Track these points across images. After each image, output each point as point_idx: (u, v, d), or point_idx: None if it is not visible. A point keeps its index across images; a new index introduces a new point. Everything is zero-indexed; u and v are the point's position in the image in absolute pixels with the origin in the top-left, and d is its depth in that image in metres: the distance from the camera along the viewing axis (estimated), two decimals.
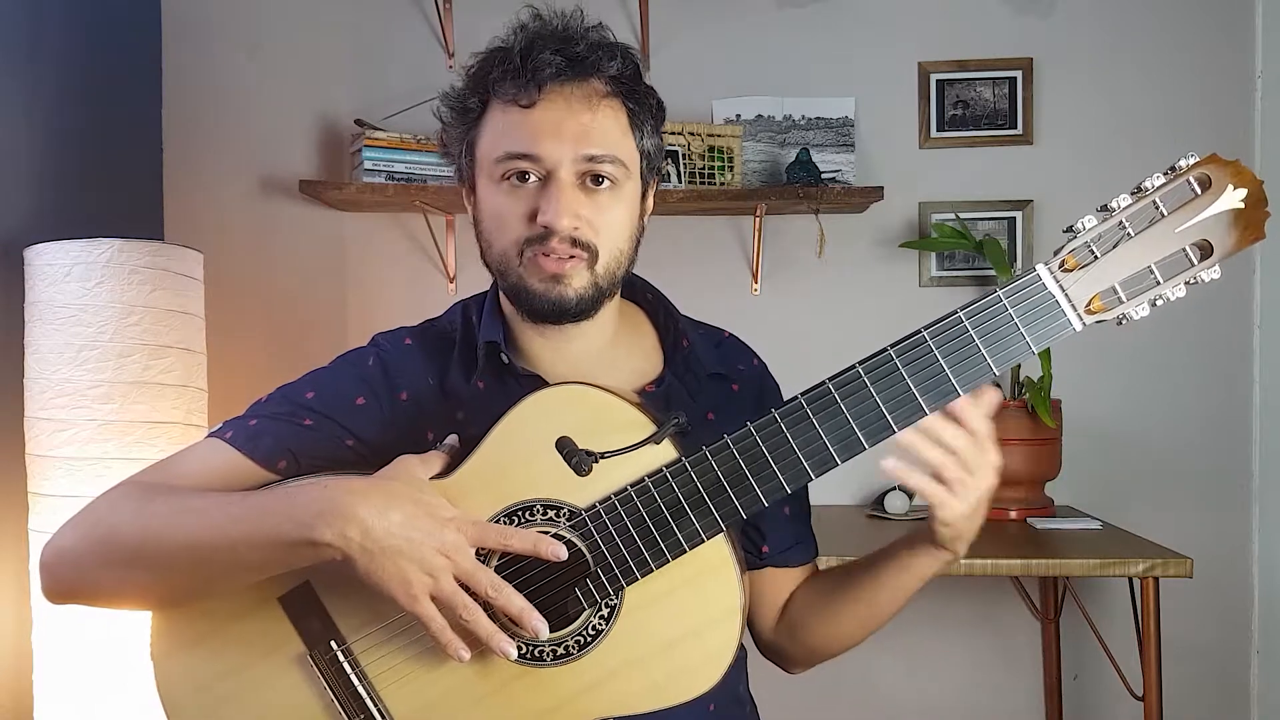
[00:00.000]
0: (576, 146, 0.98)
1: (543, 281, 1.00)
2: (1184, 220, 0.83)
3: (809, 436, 0.88)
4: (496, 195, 1.01)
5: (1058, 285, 0.85)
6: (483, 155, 1.03)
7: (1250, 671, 2.53)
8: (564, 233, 0.97)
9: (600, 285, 1.01)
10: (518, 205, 1.00)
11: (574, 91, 0.99)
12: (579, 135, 0.98)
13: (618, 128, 1.01)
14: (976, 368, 0.87)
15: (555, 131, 0.98)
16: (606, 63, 1.00)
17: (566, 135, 0.98)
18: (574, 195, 0.98)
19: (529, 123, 0.98)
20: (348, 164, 2.56)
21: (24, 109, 2.03)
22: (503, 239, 1.01)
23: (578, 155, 0.98)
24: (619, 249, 1.02)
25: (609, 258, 1.01)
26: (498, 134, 1.01)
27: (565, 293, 1.00)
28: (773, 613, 1.16)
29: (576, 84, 0.99)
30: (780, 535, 1.13)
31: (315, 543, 0.85)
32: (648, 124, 1.04)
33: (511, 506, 0.92)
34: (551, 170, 0.98)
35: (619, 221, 1.02)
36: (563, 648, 0.92)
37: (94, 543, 0.95)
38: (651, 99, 1.05)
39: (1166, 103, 2.51)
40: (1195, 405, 2.52)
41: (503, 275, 1.03)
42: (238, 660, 0.97)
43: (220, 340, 2.12)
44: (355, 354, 1.10)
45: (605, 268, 1.01)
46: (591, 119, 0.99)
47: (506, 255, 1.01)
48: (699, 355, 1.10)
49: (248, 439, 1.01)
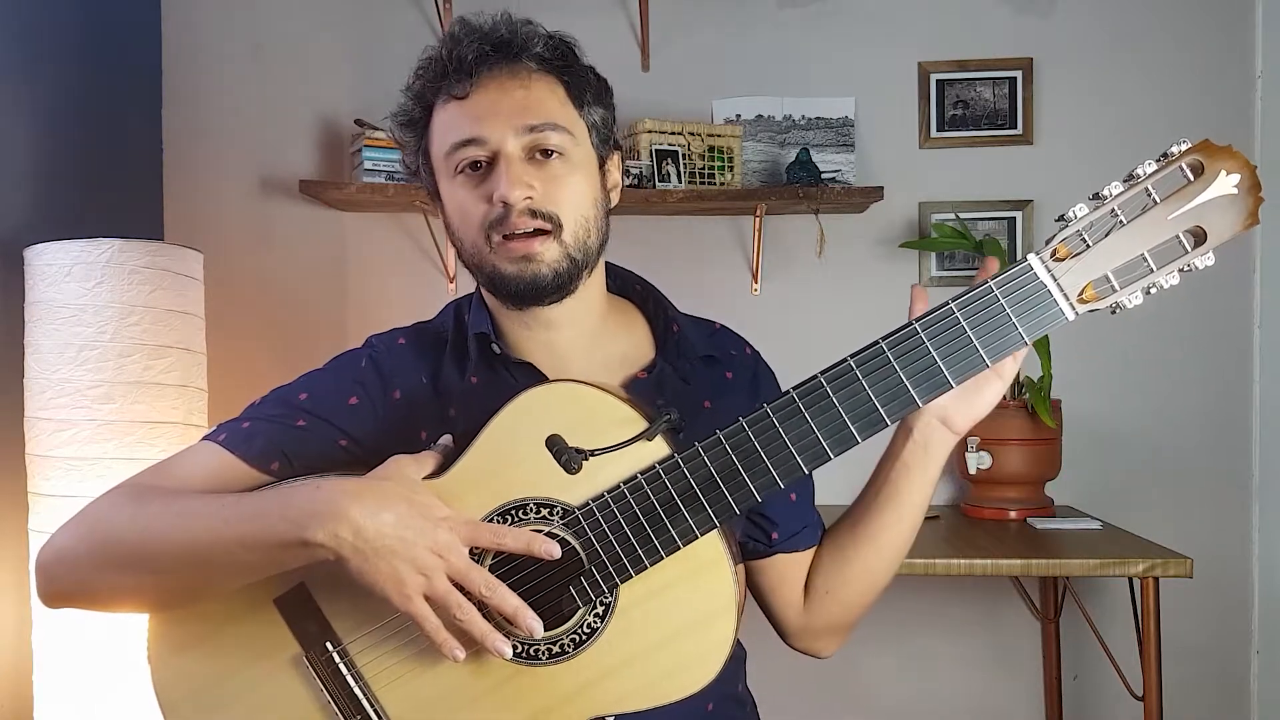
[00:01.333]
0: (515, 119, 1.00)
1: (514, 263, 1.01)
2: (1177, 207, 0.82)
3: (801, 431, 0.88)
4: (455, 189, 1.03)
5: (1049, 274, 0.85)
6: (435, 156, 1.05)
7: (1250, 671, 2.52)
8: (518, 204, 0.99)
9: (573, 256, 1.02)
10: (474, 192, 1.02)
11: (505, 75, 1.02)
12: (515, 109, 1.00)
13: (554, 98, 1.03)
14: (969, 359, 0.86)
15: (493, 111, 1.00)
16: (532, 43, 1.03)
17: (503, 111, 1.00)
18: (523, 168, 1.00)
19: (467, 110, 1.01)
20: (348, 164, 2.56)
21: (24, 109, 2.03)
22: (469, 229, 1.03)
23: (518, 127, 1.00)
24: (583, 216, 1.03)
25: (574, 225, 1.02)
26: (443, 130, 1.03)
27: (539, 269, 1.01)
28: (795, 596, 1.15)
29: (506, 65, 1.02)
30: (788, 521, 1.13)
31: (308, 543, 0.85)
32: (587, 94, 1.06)
33: (505, 505, 0.92)
34: (498, 149, 1.00)
35: (577, 189, 1.03)
36: (558, 646, 0.92)
37: (90, 545, 0.96)
38: (589, 73, 1.07)
39: (1166, 103, 2.50)
40: (1195, 405, 2.51)
41: (479, 268, 1.04)
42: (234, 662, 0.97)
43: (220, 340, 2.13)
44: (349, 355, 1.11)
45: (573, 236, 1.02)
46: (526, 94, 1.01)
47: (477, 245, 1.03)
48: (690, 339, 1.11)
49: (241, 441, 1.02)
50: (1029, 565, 1.91)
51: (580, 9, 2.51)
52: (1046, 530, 2.17)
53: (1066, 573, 2.10)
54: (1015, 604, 2.54)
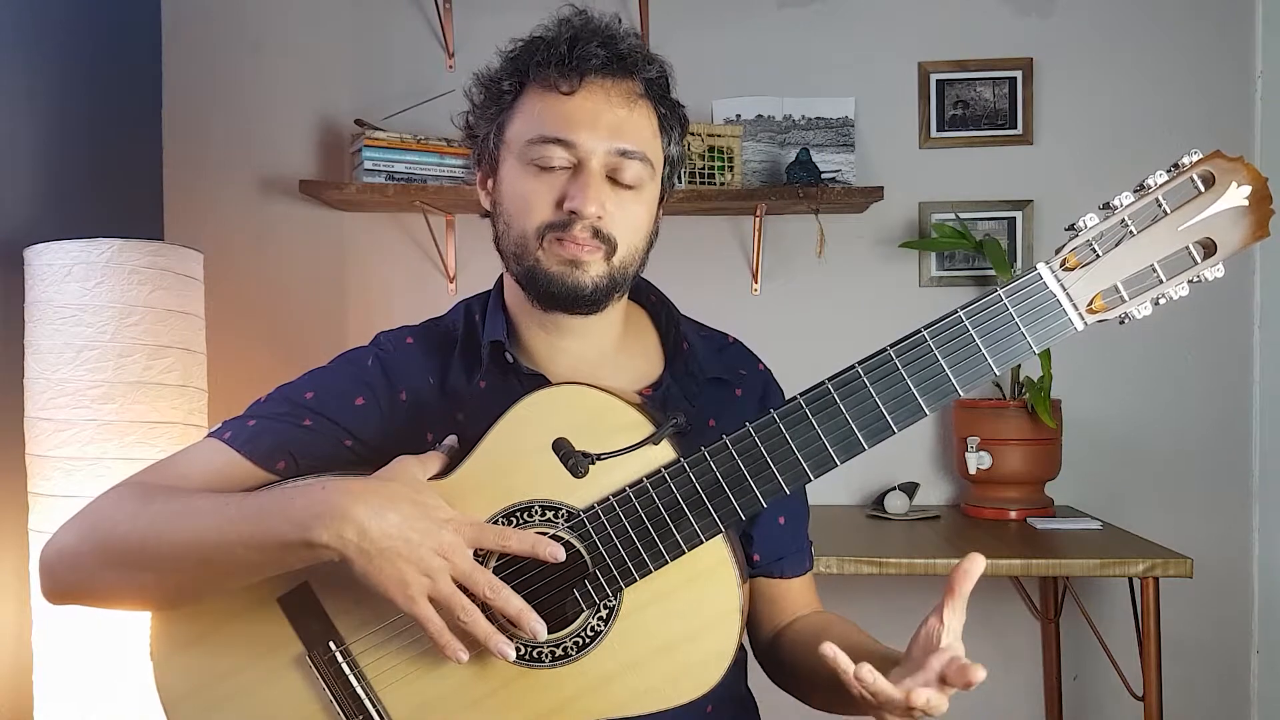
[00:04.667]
0: (611, 139, 0.99)
1: (561, 265, 1.01)
2: (1187, 218, 0.83)
3: (808, 437, 0.88)
4: (523, 178, 1.02)
5: (1059, 284, 0.85)
6: (513, 137, 1.03)
7: (1250, 671, 2.53)
8: (589, 220, 0.99)
9: (615, 278, 1.02)
10: (544, 189, 1.00)
11: (613, 87, 1.01)
12: (614, 128, 1.00)
13: (649, 128, 1.03)
14: (977, 367, 0.86)
15: (592, 121, 0.99)
16: (645, 65, 1.02)
17: (602, 126, 0.99)
18: (602, 186, 1.00)
19: (567, 109, 1.00)
20: (348, 164, 2.56)
21: (25, 109, 2.03)
22: (525, 222, 1.02)
23: (611, 148, 1.00)
24: (635, 247, 1.04)
25: (626, 253, 1.02)
26: (533, 117, 1.02)
27: (582, 279, 1.00)
28: (767, 623, 1.15)
29: (616, 80, 1.01)
30: (771, 545, 1.12)
31: (312, 544, 0.85)
32: (674, 131, 1.07)
33: (510, 507, 0.92)
34: (583, 159, 0.99)
35: (638, 220, 1.03)
36: (561, 649, 0.92)
37: (93, 543, 0.95)
38: (680, 110, 1.08)
39: (1166, 103, 2.50)
40: (1195, 405, 2.51)
41: (519, 259, 1.03)
42: (237, 661, 0.97)
43: (220, 340, 2.13)
44: (355, 353, 1.10)
45: (621, 262, 1.02)
46: (627, 115, 1.01)
47: (525, 238, 1.02)
48: (699, 359, 1.10)
49: (247, 440, 1.01)
50: (1029, 565, 1.91)
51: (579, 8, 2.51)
52: (1046, 530, 2.17)
53: (1066, 573, 2.10)
54: (1015, 604, 2.54)
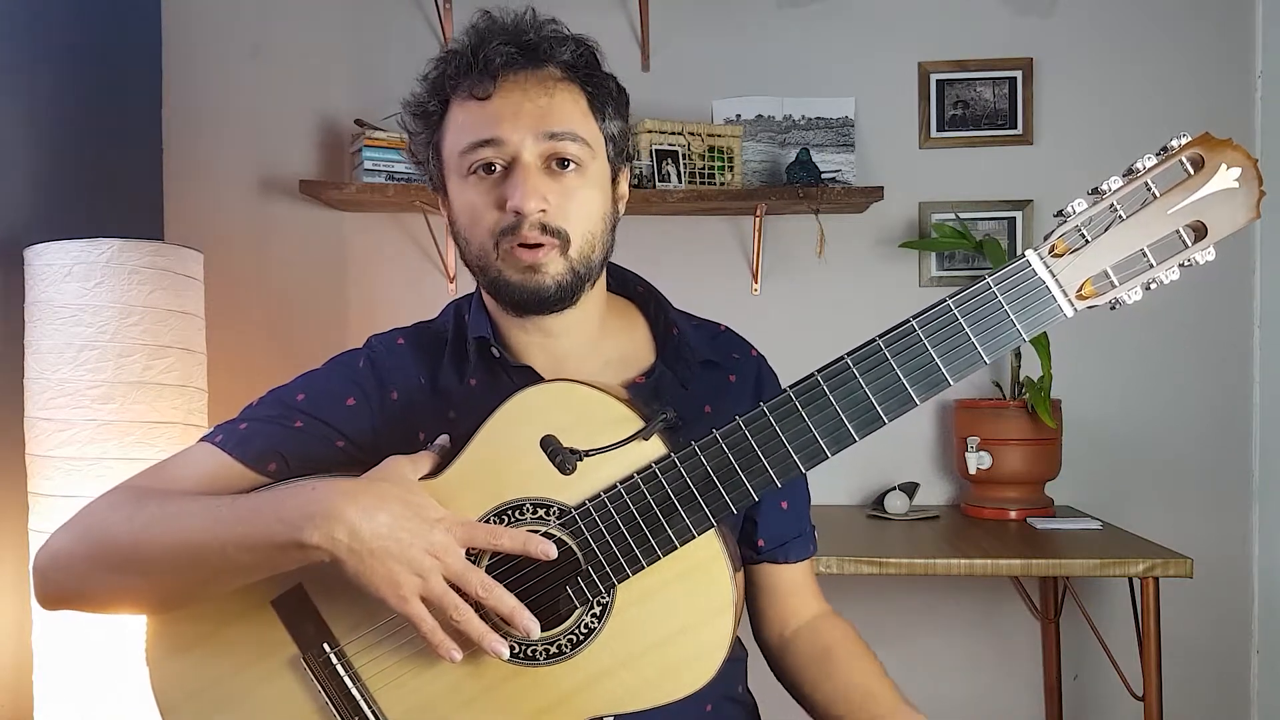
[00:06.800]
0: (536, 126, 0.99)
1: (520, 273, 1.00)
2: (1176, 201, 0.81)
3: (798, 429, 0.87)
4: (465, 190, 1.02)
5: (1048, 271, 0.84)
6: (448, 153, 1.03)
7: (1250, 671, 2.52)
8: (532, 216, 0.98)
9: (577, 270, 1.01)
10: (486, 196, 1.00)
11: (529, 78, 1.00)
12: (537, 116, 0.99)
13: (577, 109, 1.02)
14: (966, 356, 0.85)
15: (514, 115, 0.99)
16: (559, 49, 1.01)
17: (525, 117, 0.99)
18: (539, 178, 0.99)
19: (488, 112, 0.99)
20: (348, 164, 2.56)
21: (24, 109, 2.04)
22: (477, 232, 1.02)
23: (538, 134, 0.99)
24: (590, 232, 1.02)
25: (581, 242, 1.01)
26: (459, 129, 1.02)
27: (543, 281, 1.00)
28: (777, 612, 1.15)
29: (531, 71, 1.00)
30: (776, 531, 1.12)
31: (303, 545, 0.85)
32: (608, 107, 1.05)
33: (501, 506, 0.91)
34: (515, 155, 0.99)
35: (588, 204, 1.02)
36: (555, 647, 0.92)
37: (87, 547, 0.96)
38: (611, 83, 1.06)
39: (1166, 103, 2.50)
40: (1195, 405, 2.51)
41: (483, 272, 1.03)
42: (232, 663, 0.97)
43: (220, 340, 2.13)
44: (347, 355, 1.10)
45: (579, 252, 1.01)
46: (549, 101, 1.00)
47: (484, 249, 1.02)
48: (690, 343, 1.10)
49: (238, 442, 1.02)
50: (1029, 565, 1.91)
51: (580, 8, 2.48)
52: (1046, 530, 2.16)
53: (1066, 573, 2.10)
54: (1015, 604, 2.54)
